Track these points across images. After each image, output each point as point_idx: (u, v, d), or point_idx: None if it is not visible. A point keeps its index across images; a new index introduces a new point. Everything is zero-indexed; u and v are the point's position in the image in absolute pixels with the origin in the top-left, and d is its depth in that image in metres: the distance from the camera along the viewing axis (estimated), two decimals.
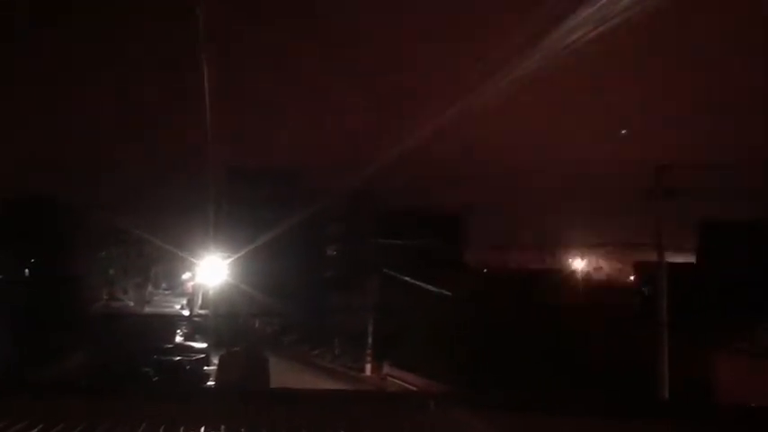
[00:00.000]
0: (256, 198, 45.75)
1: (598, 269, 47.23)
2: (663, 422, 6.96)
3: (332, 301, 40.28)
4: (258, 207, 44.23)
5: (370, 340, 32.79)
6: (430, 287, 31.81)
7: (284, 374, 30.34)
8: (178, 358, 28.51)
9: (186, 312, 42.64)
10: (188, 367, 28.11)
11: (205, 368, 28.41)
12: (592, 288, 41.86)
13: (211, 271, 33.88)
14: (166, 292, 53.11)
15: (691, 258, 38.06)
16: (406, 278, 33.59)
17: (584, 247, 47.62)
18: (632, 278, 45.08)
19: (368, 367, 32.53)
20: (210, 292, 35.89)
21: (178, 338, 33.47)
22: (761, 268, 31.66)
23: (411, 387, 26.68)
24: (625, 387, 21.71)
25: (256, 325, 39.43)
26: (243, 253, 34.56)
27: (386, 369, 30.14)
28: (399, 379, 28.58)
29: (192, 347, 31.15)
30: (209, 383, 26.42)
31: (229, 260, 34.06)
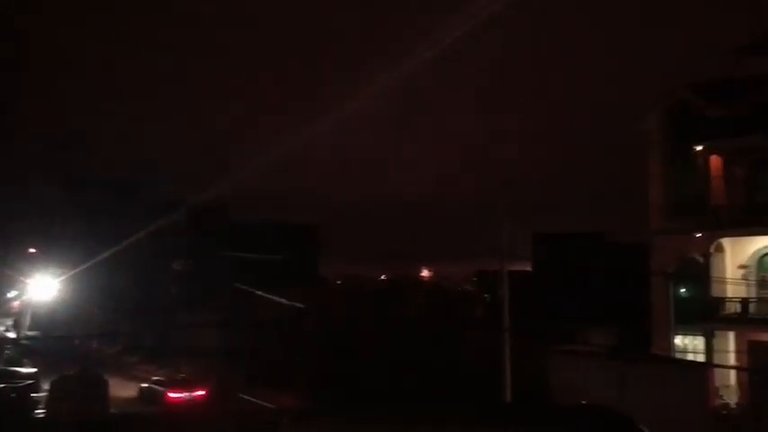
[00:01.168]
0: (94, 210, 42.79)
1: (446, 278, 49.41)
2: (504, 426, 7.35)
3: (179, 317, 38.62)
4: (96, 220, 41.39)
5: (220, 358, 31.75)
6: (283, 301, 31.52)
7: (126, 397, 28.62)
8: (1, 385, 25.81)
9: (12, 334, 38.77)
10: (13, 395, 25.53)
11: (34, 395, 25.95)
12: (440, 296, 43.66)
13: (42, 288, 31.03)
14: None
15: (528, 267, 41.08)
16: (259, 292, 33.01)
17: (434, 257, 49.66)
18: (474, 286, 47.85)
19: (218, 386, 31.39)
20: (42, 312, 32.87)
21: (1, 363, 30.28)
22: (589, 276, 34.89)
23: (264, 404, 26.13)
24: (470, 391, 22.76)
25: (94, 346, 36.78)
26: (80, 269, 32.03)
27: (237, 387, 29.24)
28: (252, 396, 27.88)
29: (18, 373, 28.33)
30: (39, 412, 24.20)
31: (63, 276, 31.42)
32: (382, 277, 47.36)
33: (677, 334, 26.92)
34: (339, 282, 44.71)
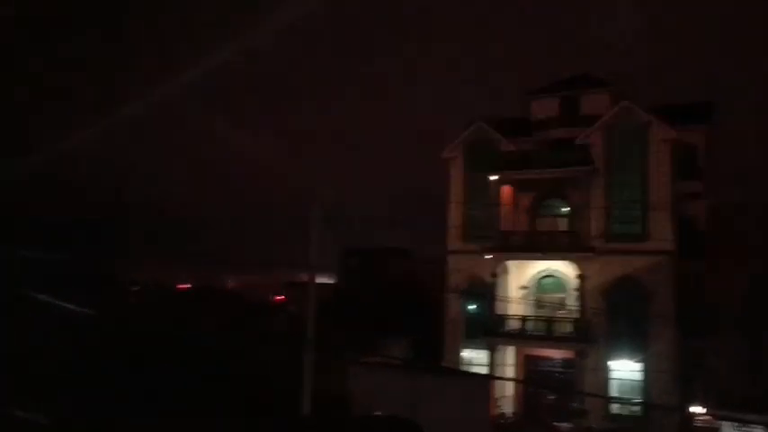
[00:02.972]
0: None
1: (253, 288, 48.60)
2: None
3: None
4: None
5: None
6: (70, 306, 28.80)
7: None
8: None
9: None
10: None
11: None
12: (244, 306, 42.80)
13: None
14: None
15: (332, 279, 42.01)
16: (42, 296, 29.82)
17: (243, 267, 48.62)
18: (281, 297, 47.71)
19: None
20: None
21: None
22: (391, 290, 36.48)
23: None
24: (271, 404, 22.52)
25: None
26: None
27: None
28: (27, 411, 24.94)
29: None
30: None
31: None
32: (186, 285, 45.32)
33: (465, 347, 29.15)
34: (137, 288, 41.87)
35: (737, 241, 25.58)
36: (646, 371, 25.00)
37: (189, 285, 44.55)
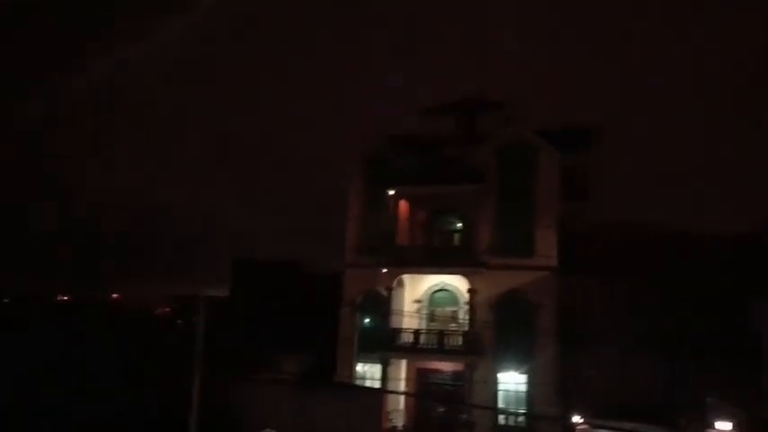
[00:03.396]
0: None
1: (138, 301, 46.40)
2: None
3: None
4: None
5: None
6: None
7: None
8: None
9: None
10: None
11: None
12: (129, 319, 40.83)
13: None
14: None
15: (222, 292, 40.71)
16: None
17: (130, 278, 46.34)
18: (168, 309, 45.75)
19: None
20: None
21: None
22: (285, 303, 35.88)
23: None
24: (157, 424, 21.53)
25: None
26: None
27: None
28: None
29: None
30: None
31: None
32: (64, 297, 42.53)
33: (359, 362, 29.12)
34: (7, 299, 38.86)
35: (617, 258, 27.24)
36: (530, 383, 26.00)
37: (67, 298, 41.94)
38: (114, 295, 46.37)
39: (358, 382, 28.51)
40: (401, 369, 27.81)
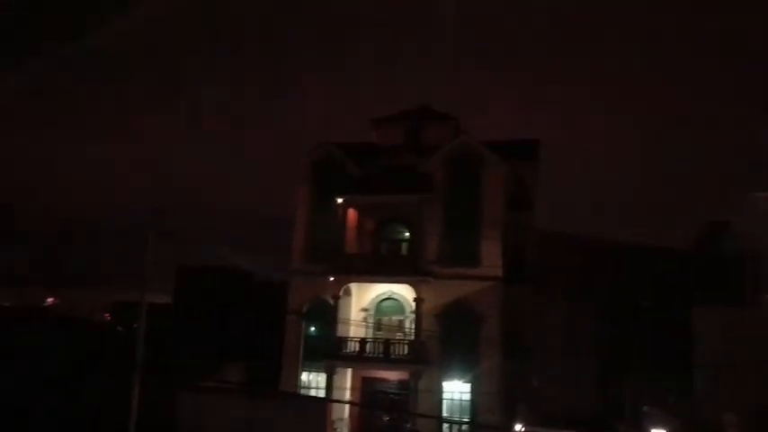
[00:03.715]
0: None
1: (75, 307, 44.75)
2: None
3: None
4: None
5: None
6: None
7: None
8: None
9: None
10: None
11: None
12: (64, 326, 39.26)
13: None
14: None
15: (165, 299, 39.71)
16: None
17: (66, 284, 44.70)
18: (108, 316, 44.30)
19: None
20: None
21: None
22: (228, 311, 35.34)
23: None
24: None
25: None
26: None
27: None
28: None
29: None
30: None
31: None
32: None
33: (304, 370, 28.87)
34: None
35: (559, 269, 27.95)
36: (474, 392, 26.30)
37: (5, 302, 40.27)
38: (50, 300, 44.67)
39: (303, 392, 28.25)
40: (347, 378, 27.73)
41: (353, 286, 28.51)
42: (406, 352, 26.40)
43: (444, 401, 26.66)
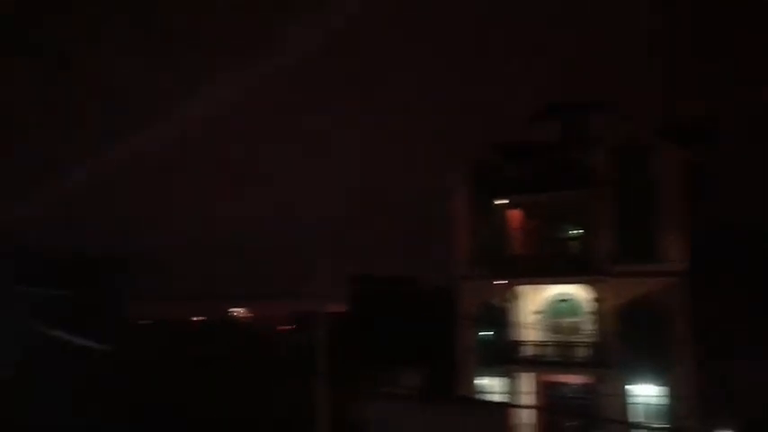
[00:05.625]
0: None
1: (261, 319, 48.23)
2: None
3: None
4: None
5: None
6: (82, 341, 28.68)
7: None
8: None
9: None
10: None
11: None
12: (253, 337, 42.45)
13: None
14: None
15: (342, 308, 41.59)
16: (56, 331, 29.77)
17: (248, 298, 48.32)
18: (290, 327, 47.25)
19: None
20: None
21: None
22: (400, 318, 36.13)
23: None
24: None
25: None
26: None
27: None
28: None
29: None
30: None
31: None
32: (195, 318, 45.21)
33: (480, 376, 28.78)
34: (146, 322, 41.74)
35: (752, 261, 25.35)
36: (665, 395, 24.61)
37: (198, 318, 44.52)
38: (237, 311, 48.51)
39: (480, 397, 28.14)
40: (525, 382, 27.18)
41: (523, 289, 27.91)
42: (587, 355, 25.35)
43: (632, 406, 25.22)
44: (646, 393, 25.08)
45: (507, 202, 28.42)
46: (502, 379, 27.29)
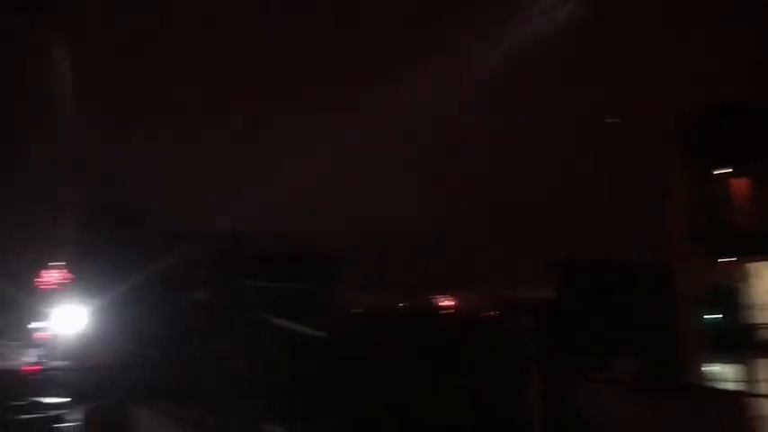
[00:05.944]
0: (114, 239, 42.84)
1: (465, 307, 49.00)
2: None
3: (202, 348, 38.34)
4: (117, 249, 41.42)
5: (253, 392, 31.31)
6: (306, 330, 31.38)
7: None
8: (29, 416, 25.65)
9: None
10: (40, 425, 25.44)
11: (58, 426, 25.82)
12: (460, 325, 43.26)
13: (70, 319, 31.06)
14: (11, 344, 47.85)
15: (545, 294, 40.73)
16: (280, 321, 32.95)
17: (453, 286, 49.45)
18: (495, 313, 47.40)
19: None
20: (70, 343, 32.88)
21: (31, 394, 30.05)
22: (610, 303, 34.56)
23: None
24: (500, 424, 22.41)
25: (123, 377, 36.41)
26: (105, 299, 32.10)
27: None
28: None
29: (45, 404, 28.13)
30: None
31: (90, 307, 31.45)
32: (401, 305, 47.46)
33: (707, 362, 26.61)
34: (359, 310, 44.71)
35: None
36: None
37: (404, 305, 46.77)
38: (446, 301, 49.79)
39: (709, 385, 26.07)
40: (763, 369, 24.62)
41: (756, 266, 25.30)
42: None
43: None
44: None
45: (731, 170, 25.90)
46: (735, 366, 25.01)
